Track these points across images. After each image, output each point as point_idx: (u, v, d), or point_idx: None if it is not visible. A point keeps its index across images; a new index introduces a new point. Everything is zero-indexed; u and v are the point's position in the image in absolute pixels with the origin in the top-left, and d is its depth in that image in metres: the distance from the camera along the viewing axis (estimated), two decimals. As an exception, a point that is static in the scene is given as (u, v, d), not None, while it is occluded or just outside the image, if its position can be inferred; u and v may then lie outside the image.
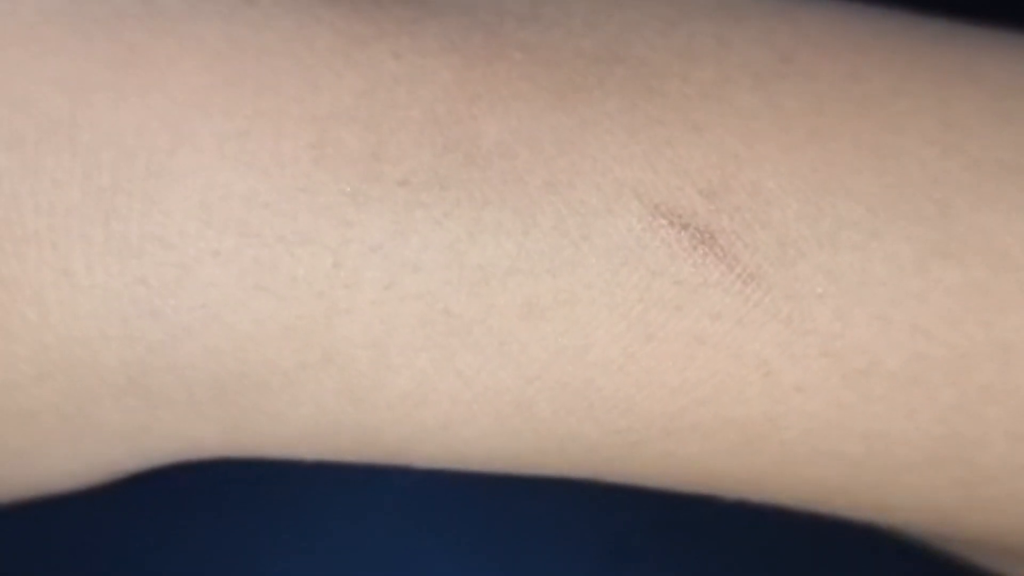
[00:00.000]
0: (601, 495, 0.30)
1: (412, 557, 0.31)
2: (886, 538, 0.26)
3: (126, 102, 0.20)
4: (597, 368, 0.21)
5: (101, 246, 0.20)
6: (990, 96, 0.22)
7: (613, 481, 0.23)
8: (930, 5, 0.23)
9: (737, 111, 0.21)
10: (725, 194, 0.21)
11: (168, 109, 0.20)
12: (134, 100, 0.20)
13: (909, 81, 0.22)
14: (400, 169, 0.20)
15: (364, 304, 0.20)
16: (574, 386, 0.21)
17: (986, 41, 0.23)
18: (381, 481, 0.31)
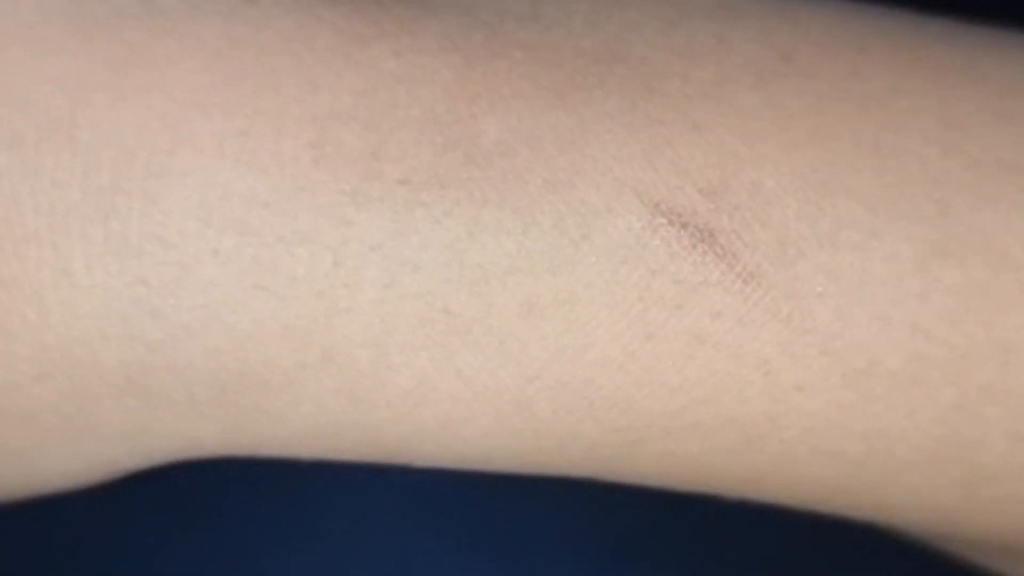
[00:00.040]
0: (601, 495, 0.30)
1: (412, 557, 0.31)
2: (886, 538, 0.26)
3: (126, 102, 0.20)
4: (597, 367, 0.21)
5: (101, 246, 0.20)
6: (991, 96, 0.22)
7: (613, 480, 0.23)
8: (931, 5, 0.23)
9: (737, 110, 0.21)
10: (725, 193, 0.21)
11: (168, 109, 0.20)
12: (134, 100, 0.20)
13: (909, 81, 0.22)
14: (400, 168, 0.20)
15: (364, 303, 0.20)
16: (574, 385, 0.21)
17: (987, 41, 0.23)
18: (381, 481, 0.31)
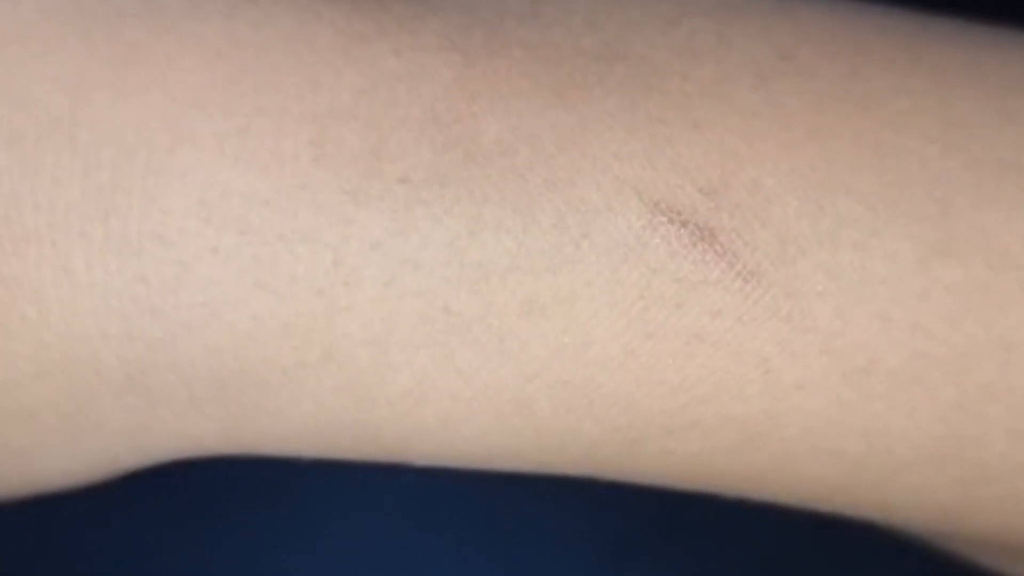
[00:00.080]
0: (601, 495, 0.30)
1: (412, 557, 0.31)
2: (886, 536, 0.26)
3: (126, 100, 0.20)
4: (597, 366, 0.21)
5: (101, 244, 0.20)
6: (991, 95, 0.22)
7: (613, 479, 0.23)
8: (931, 4, 0.23)
9: (737, 109, 0.21)
10: (725, 192, 0.21)
11: (168, 107, 0.20)
12: (134, 98, 0.20)
13: (910, 79, 0.22)
14: (400, 167, 0.20)
15: (364, 302, 0.20)
16: (574, 384, 0.21)
17: (987, 39, 0.23)
18: (381, 480, 0.31)
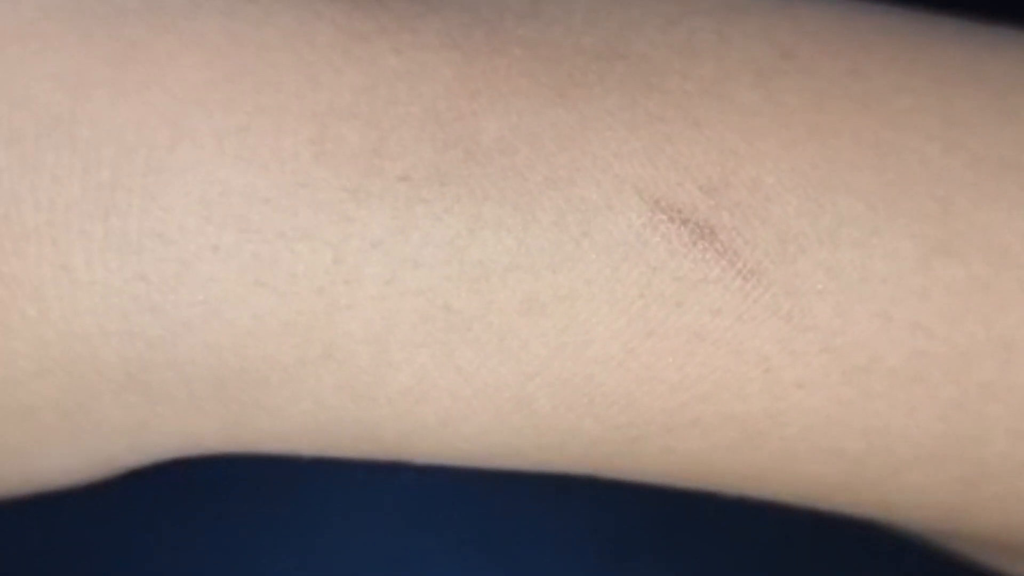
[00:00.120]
0: (601, 495, 0.30)
1: (412, 556, 0.31)
2: (886, 535, 0.26)
3: (126, 98, 0.20)
4: (597, 364, 0.21)
5: (101, 242, 0.20)
6: (992, 93, 0.22)
7: (613, 477, 0.23)
8: (932, 2, 0.23)
9: (737, 107, 0.21)
10: (725, 190, 0.20)
11: (168, 105, 0.20)
12: (134, 96, 0.20)
13: (910, 78, 0.22)
14: (400, 165, 0.20)
15: (364, 300, 0.20)
16: (574, 382, 0.21)
17: (988, 38, 0.23)
18: (380, 479, 0.31)
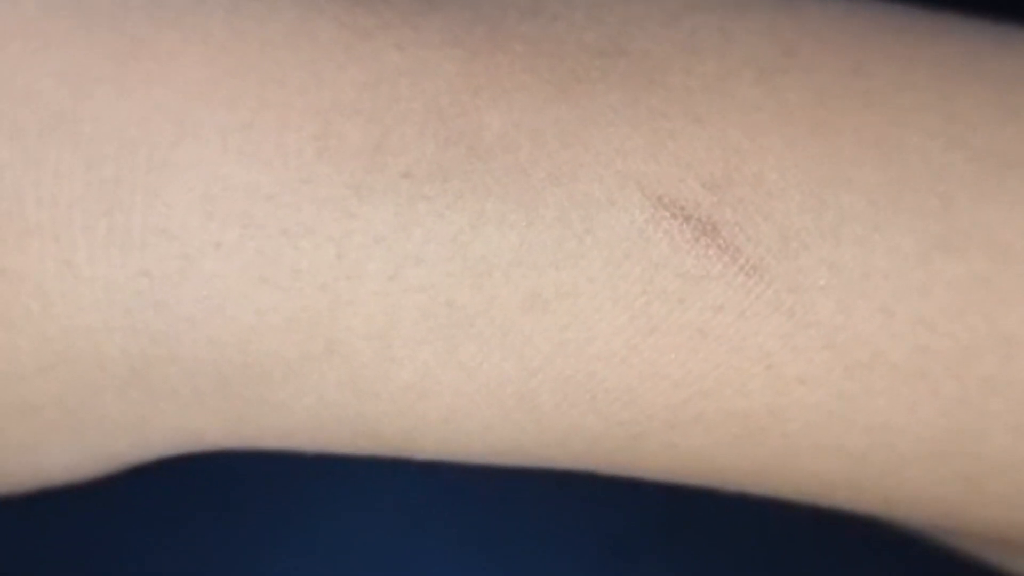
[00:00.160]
0: (602, 494, 0.30)
1: (412, 555, 0.31)
2: (888, 532, 0.26)
3: (129, 95, 0.20)
4: (600, 360, 0.21)
5: (104, 238, 0.20)
6: (994, 90, 0.22)
7: (615, 474, 0.23)
8: (933, 0, 0.23)
9: (740, 104, 0.21)
10: (728, 186, 0.21)
11: (171, 101, 0.20)
12: (137, 93, 0.20)
13: (912, 75, 0.22)
14: (403, 161, 0.20)
15: (367, 296, 0.20)
16: (577, 378, 0.21)
17: (990, 36, 0.23)
18: (380, 479, 0.31)
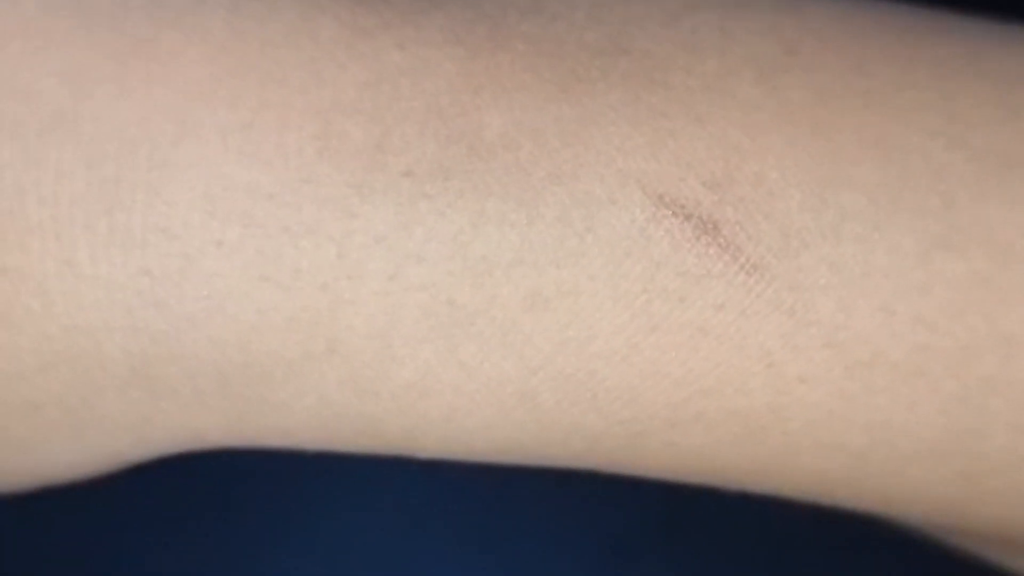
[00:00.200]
0: (602, 494, 0.30)
1: (412, 554, 0.31)
2: (888, 530, 0.26)
3: (129, 94, 0.20)
4: (601, 359, 0.21)
5: (105, 237, 0.20)
6: (995, 89, 0.22)
7: (616, 472, 0.23)
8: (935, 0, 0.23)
9: (741, 103, 0.21)
10: (729, 185, 0.21)
11: (172, 100, 0.20)
12: (137, 92, 0.20)
13: (913, 74, 0.22)
14: (404, 160, 0.20)
15: (368, 295, 0.20)
16: (577, 377, 0.21)
17: (991, 35, 0.23)
18: (380, 478, 0.31)
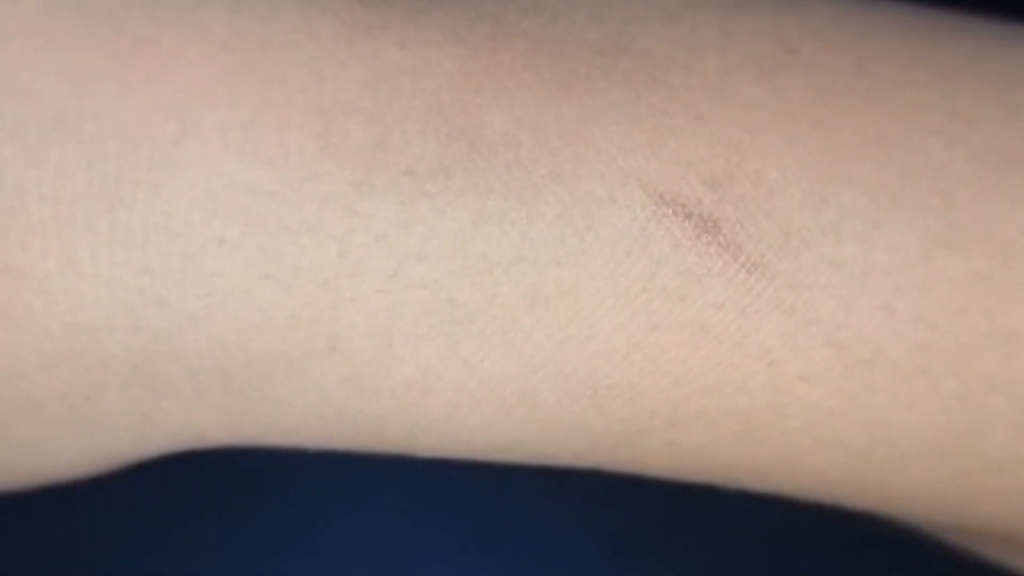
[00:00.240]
0: (602, 493, 0.30)
1: (412, 554, 0.31)
2: (889, 529, 0.26)
3: (130, 93, 0.20)
4: (601, 357, 0.21)
5: (106, 235, 0.20)
6: (995, 88, 0.22)
7: (616, 471, 0.23)
8: (934, -2, 0.23)
9: (741, 102, 0.21)
10: (729, 183, 0.21)
11: (173, 99, 0.20)
12: (139, 91, 0.20)
13: (914, 72, 0.22)
14: (405, 159, 0.20)
15: (369, 293, 0.21)
16: (578, 375, 0.21)
17: (991, 33, 0.23)
18: (380, 477, 0.31)
